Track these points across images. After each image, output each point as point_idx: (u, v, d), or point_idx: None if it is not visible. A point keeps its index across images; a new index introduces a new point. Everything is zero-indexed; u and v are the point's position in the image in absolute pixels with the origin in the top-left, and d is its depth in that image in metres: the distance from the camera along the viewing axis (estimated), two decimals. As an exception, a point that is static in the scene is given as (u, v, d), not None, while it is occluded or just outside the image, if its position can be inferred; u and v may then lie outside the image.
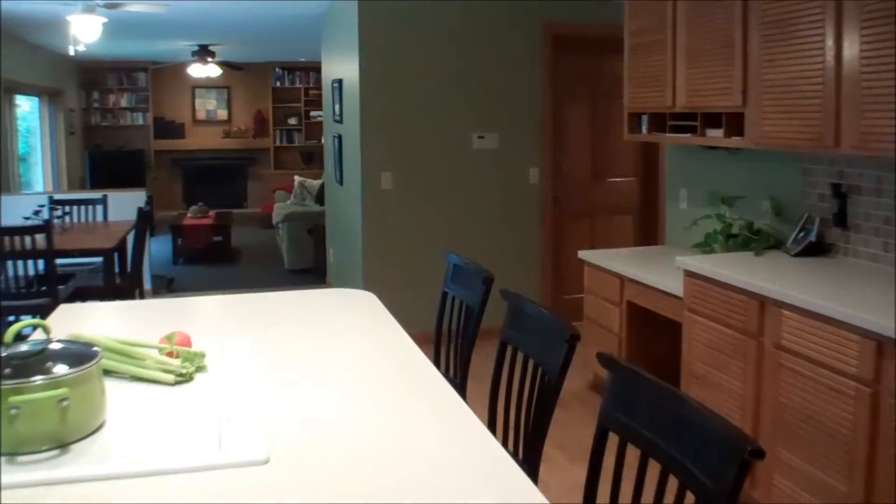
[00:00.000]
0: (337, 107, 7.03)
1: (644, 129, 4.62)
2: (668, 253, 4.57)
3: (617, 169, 6.41)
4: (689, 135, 4.15)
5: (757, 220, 4.10)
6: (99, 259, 5.98)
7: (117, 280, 5.97)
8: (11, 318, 5.74)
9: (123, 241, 6.17)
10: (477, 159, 6.07)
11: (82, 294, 5.67)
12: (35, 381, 1.61)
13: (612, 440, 1.74)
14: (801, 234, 3.77)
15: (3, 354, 1.70)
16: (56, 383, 1.61)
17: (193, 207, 10.99)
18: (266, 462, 1.59)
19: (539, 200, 6.20)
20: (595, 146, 6.35)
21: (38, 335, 1.94)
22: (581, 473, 3.64)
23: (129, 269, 6.40)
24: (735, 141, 3.80)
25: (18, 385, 1.58)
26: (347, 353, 2.34)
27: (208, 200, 12.38)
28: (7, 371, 1.65)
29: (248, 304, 2.99)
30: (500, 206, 6.13)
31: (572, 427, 4.13)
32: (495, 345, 2.47)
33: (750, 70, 3.62)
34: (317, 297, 3.06)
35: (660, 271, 4.14)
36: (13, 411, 1.55)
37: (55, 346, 1.78)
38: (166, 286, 8.38)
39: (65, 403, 1.59)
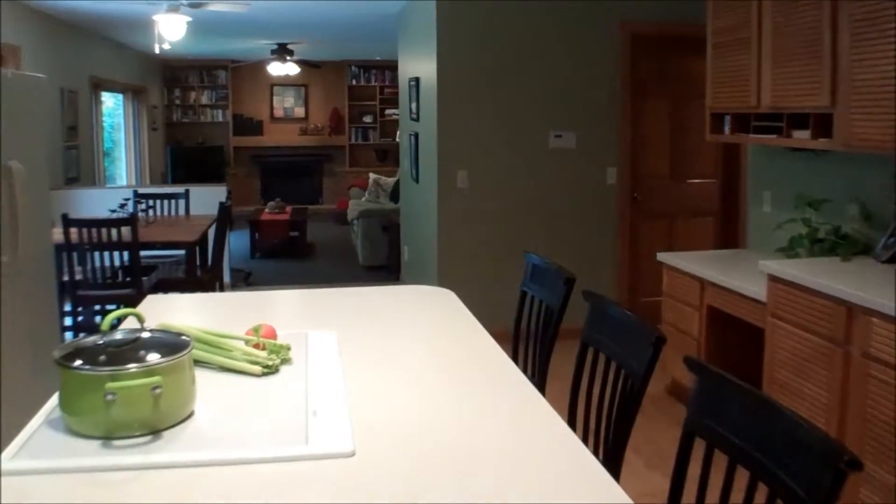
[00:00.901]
0: (413, 105, 7.07)
1: (727, 129, 4.52)
2: (751, 257, 4.47)
3: (697, 170, 6.29)
4: (774, 136, 4.05)
5: (844, 225, 3.98)
6: (181, 252, 6.13)
7: (198, 273, 6.11)
8: (97, 306, 5.94)
9: (205, 235, 6.31)
10: (553, 158, 6.03)
11: (164, 286, 5.82)
12: (130, 368, 1.66)
13: (697, 446, 1.70)
14: (892, 240, 3.64)
15: (101, 342, 1.76)
16: (150, 371, 1.65)
17: (271, 203, 11.18)
18: (352, 455, 1.60)
19: (616, 201, 6.13)
20: (674, 146, 6.25)
21: (128, 324, 1.99)
22: (658, 479, 3.62)
23: (209, 262, 6.54)
24: (823, 143, 3.69)
25: (115, 372, 1.63)
26: (429, 350, 2.35)
27: (285, 196, 12.58)
28: (102, 358, 1.70)
29: (328, 298, 3.02)
30: (576, 205, 6.08)
31: (649, 432, 4.08)
32: (572, 345, 2.45)
33: (839, 69, 3.52)
34: (396, 294, 3.08)
35: (742, 275, 4.05)
36: (109, 397, 1.60)
37: (148, 335, 1.83)
38: (244, 279, 8.55)
39: (158, 391, 1.63)
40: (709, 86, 4.62)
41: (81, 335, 5.61)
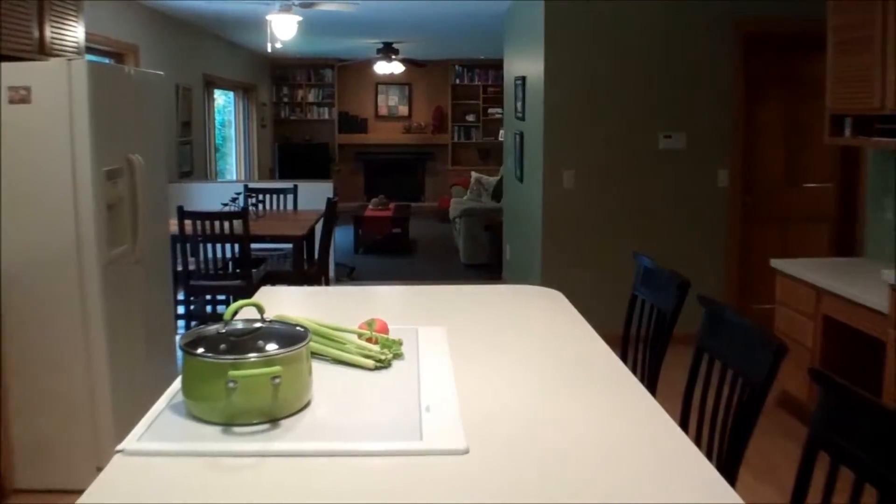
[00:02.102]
0: (519, 104, 7.04)
1: (847, 132, 4.34)
2: (870, 265, 4.28)
3: (812, 173, 6.05)
4: (899, 139, 3.87)
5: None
6: (288, 245, 6.27)
7: (304, 266, 6.24)
8: (208, 296, 6.13)
9: (312, 230, 6.44)
10: (663, 160, 5.91)
11: (272, 278, 5.96)
12: (250, 357, 1.69)
13: (820, 460, 1.64)
14: None
15: (223, 331, 1.80)
16: (270, 361, 1.69)
17: (374, 200, 11.33)
18: (466, 452, 1.60)
19: (727, 204, 5.96)
20: (789, 149, 6.03)
21: (243, 314, 2.04)
22: (769, 493, 3.50)
23: (316, 256, 6.66)
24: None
25: (237, 360, 1.67)
26: (540, 349, 2.33)
27: (388, 193, 12.74)
28: (223, 346, 1.75)
29: (436, 295, 3.03)
30: (685, 208, 5.94)
31: (759, 443, 3.93)
32: (678, 350, 2.39)
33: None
34: (504, 292, 3.07)
35: (861, 284, 3.88)
36: (231, 385, 1.64)
37: (266, 325, 1.87)
38: (348, 274, 8.70)
39: (277, 381, 1.67)
40: (829, 86, 4.44)
41: (193, 323, 5.82)
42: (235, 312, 1.88)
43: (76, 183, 3.50)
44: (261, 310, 1.90)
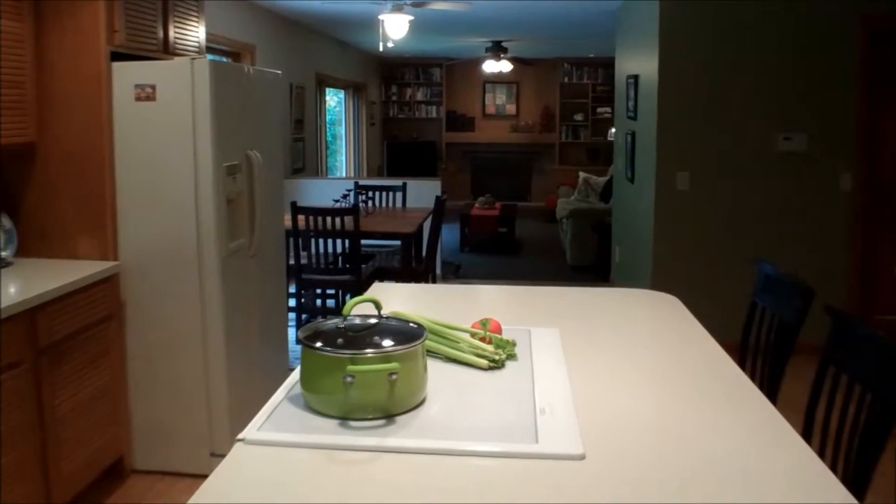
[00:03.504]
0: (630, 103, 6.91)
1: None
2: None
3: (944, 178, 5.73)
4: None
5: None
6: (396, 242, 6.34)
7: (412, 263, 6.29)
8: (318, 290, 6.25)
9: (420, 227, 6.49)
10: (781, 162, 5.70)
11: (381, 274, 6.03)
12: (367, 353, 1.71)
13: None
14: None
15: (341, 326, 1.82)
16: (387, 357, 1.69)
17: (481, 199, 11.34)
18: (582, 458, 1.57)
19: (850, 209, 5.70)
20: (919, 152, 5.73)
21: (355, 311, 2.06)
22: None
23: (423, 253, 6.71)
24: None
25: (355, 355, 1.69)
26: (657, 355, 2.27)
27: (494, 192, 12.73)
28: (340, 341, 1.77)
29: (547, 296, 3.00)
30: (805, 212, 5.72)
31: (884, 466, 3.75)
32: (800, 361, 2.29)
33: None
34: (618, 296, 3.01)
35: None
36: (348, 379, 1.65)
37: (383, 322, 1.89)
38: (454, 272, 8.73)
39: (394, 377, 1.67)
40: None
41: (304, 316, 5.94)
42: (353, 308, 1.89)
43: (198, 178, 3.62)
44: (378, 306, 1.91)
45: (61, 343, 3.21)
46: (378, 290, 3.05)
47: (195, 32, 4.39)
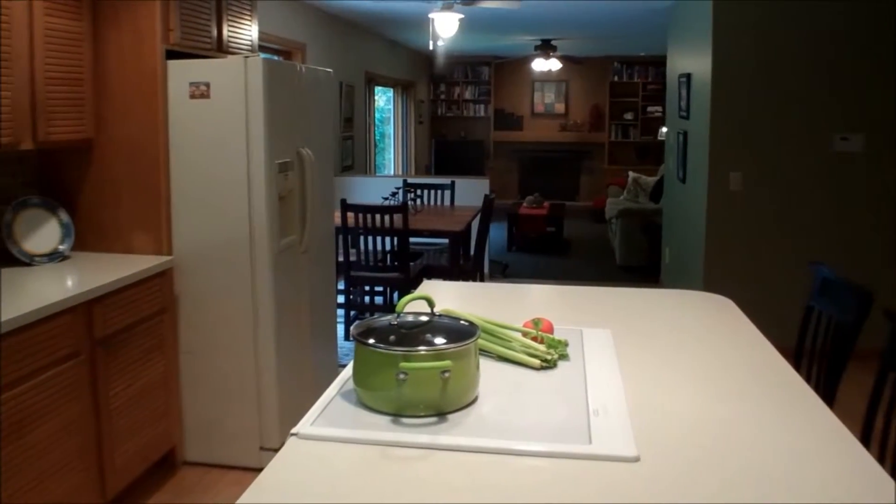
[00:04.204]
0: (683, 102, 6.83)
1: None
2: None
3: None
4: None
5: None
6: (444, 240, 6.34)
7: (460, 261, 6.29)
8: (366, 287, 6.28)
9: (469, 226, 6.48)
10: (838, 162, 5.58)
11: (429, 272, 6.04)
12: (420, 350, 1.70)
13: None
14: None
15: (394, 323, 1.83)
16: (440, 355, 1.69)
17: (529, 198, 11.30)
18: (636, 461, 1.55)
19: (909, 210, 5.57)
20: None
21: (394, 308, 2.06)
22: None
23: (471, 252, 6.71)
24: None
25: (408, 352, 1.69)
26: (711, 358, 2.23)
27: (542, 191, 12.68)
28: (392, 338, 1.77)
29: (597, 296, 2.97)
30: (862, 214, 5.59)
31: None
32: (857, 366, 2.23)
33: None
34: (669, 298, 2.98)
35: None
36: (401, 376, 1.65)
37: (435, 319, 1.88)
38: (501, 271, 8.71)
39: (446, 375, 1.67)
40: None
41: (352, 313, 5.97)
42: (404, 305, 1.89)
43: (250, 175, 3.66)
44: (431, 303, 1.91)
45: (116, 335, 3.27)
46: (427, 287, 3.05)
47: (248, 31, 4.43)
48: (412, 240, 5.99)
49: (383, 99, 12.30)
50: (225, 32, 4.16)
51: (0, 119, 3.04)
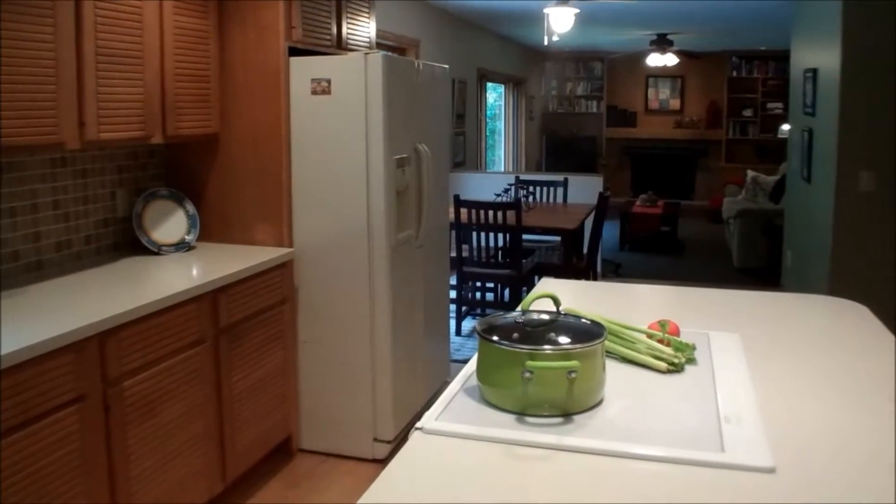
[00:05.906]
0: (808, 98, 6.55)
1: None
2: None
3: None
4: None
5: None
6: (556, 238, 6.28)
7: (573, 259, 6.22)
8: (478, 283, 6.28)
9: (582, 224, 6.40)
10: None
11: (541, 269, 6.00)
12: (546, 349, 1.68)
13: None
14: None
15: (519, 320, 1.81)
16: (567, 354, 1.66)
17: (643, 196, 11.08)
18: (772, 472, 1.48)
19: None
20: None
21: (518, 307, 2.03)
22: None
23: (584, 250, 6.62)
24: None
25: (534, 351, 1.67)
26: (849, 367, 2.12)
27: (656, 190, 12.42)
28: (515, 335, 1.75)
29: (720, 299, 2.88)
30: None
31: None
32: None
33: None
34: (797, 302, 2.85)
35: None
36: (527, 374, 1.63)
37: (560, 318, 1.85)
38: (614, 270, 8.58)
39: (573, 375, 1.64)
40: None
41: (463, 308, 5.97)
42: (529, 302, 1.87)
43: (369, 170, 3.70)
44: (557, 302, 1.88)
45: (239, 324, 3.37)
46: (546, 286, 3.02)
47: (366, 28, 4.49)
48: (524, 237, 5.96)
49: (493, 95, 12.28)
50: (344, 29, 4.22)
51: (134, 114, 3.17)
